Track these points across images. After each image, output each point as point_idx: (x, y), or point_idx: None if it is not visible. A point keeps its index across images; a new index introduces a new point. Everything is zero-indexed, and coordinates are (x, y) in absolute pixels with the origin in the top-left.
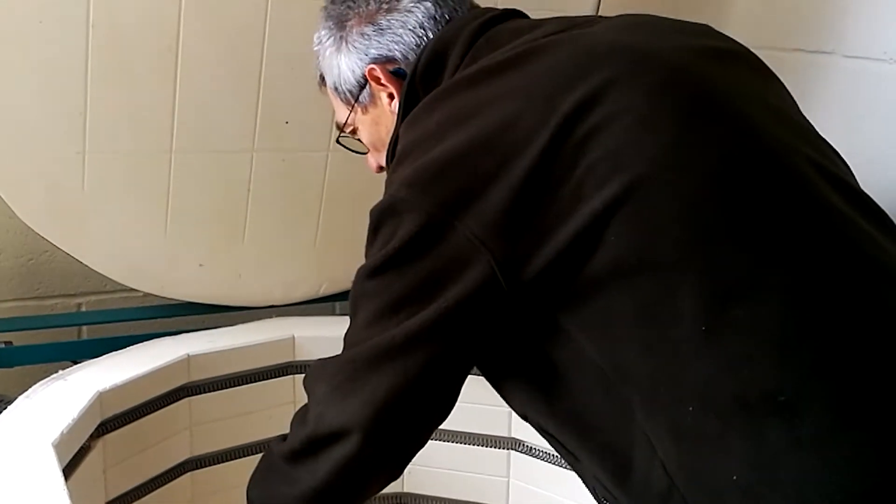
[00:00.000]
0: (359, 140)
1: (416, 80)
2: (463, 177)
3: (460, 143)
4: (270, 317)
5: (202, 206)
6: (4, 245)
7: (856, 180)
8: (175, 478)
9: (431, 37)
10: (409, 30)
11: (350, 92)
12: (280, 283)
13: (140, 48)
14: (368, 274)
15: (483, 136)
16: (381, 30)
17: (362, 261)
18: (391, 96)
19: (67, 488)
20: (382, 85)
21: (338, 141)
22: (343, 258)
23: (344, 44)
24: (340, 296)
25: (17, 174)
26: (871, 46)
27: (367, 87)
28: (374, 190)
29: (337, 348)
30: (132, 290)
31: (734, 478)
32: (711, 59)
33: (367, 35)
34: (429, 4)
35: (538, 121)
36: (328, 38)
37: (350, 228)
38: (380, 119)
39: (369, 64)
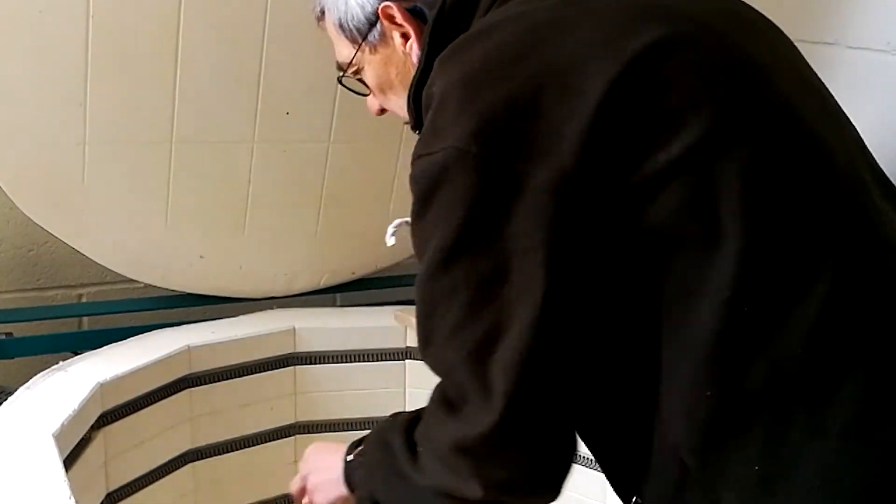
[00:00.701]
0: (359, 80)
1: (442, 19)
2: (531, 121)
3: (522, 84)
4: (271, 308)
5: (203, 197)
6: (5, 236)
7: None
8: (176, 469)
9: None
10: None
11: (357, 29)
12: (281, 275)
13: (140, 39)
14: (442, 262)
15: (545, 75)
16: None
17: (363, 253)
18: (405, 36)
19: (68, 479)
20: (397, 24)
21: (339, 81)
22: (344, 250)
23: None
24: (341, 287)
25: (17, 165)
26: (874, 37)
27: (378, 25)
28: (376, 181)
29: (337, 340)
30: (133, 281)
31: (755, 467)
32: (749, 28)
33: None
34: None
35: (607, 60)
36: None
37: (351, 220)
38: (390, 60)
39: (383, 1)
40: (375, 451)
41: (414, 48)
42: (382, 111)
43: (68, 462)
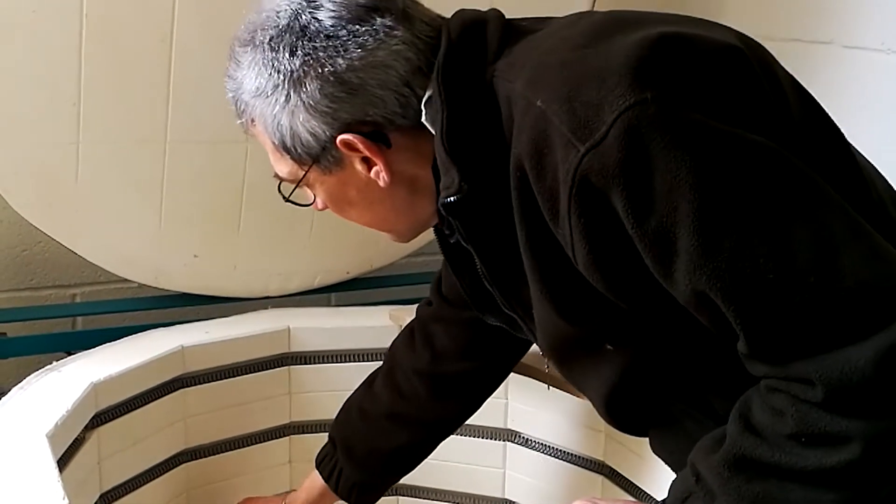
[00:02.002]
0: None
1: (453, 62)
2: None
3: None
4: (265, 308)
5: (197, 196)
6: None
7: None
8: (169, 469)
9: (422, 94)
10: (392, 90)
11: (306, 153)
12: (275, 274)
13: (134, 38)
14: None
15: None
16: (353, 90)
17: (357, 252)
18: (366, 161)
19: (62, 480)
20: (356, 150)
21: (283, 196)
22: (338, 249)
23: (301, 105)
24: (336, 287)
25: (10, 165)
26: (869, 37)
27: (332, 149)
28: None
29: (332, 339)
30: (126, 280)
31: None
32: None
33: (336, 97)
34: (410, 55)
35: None
36: (273, 91)
37: (345, 220)
38: (348, 181)
39: (342, 132)
40: (723, 484)
41: (382, 175)
42: (326, 208)
43: (62, 462)
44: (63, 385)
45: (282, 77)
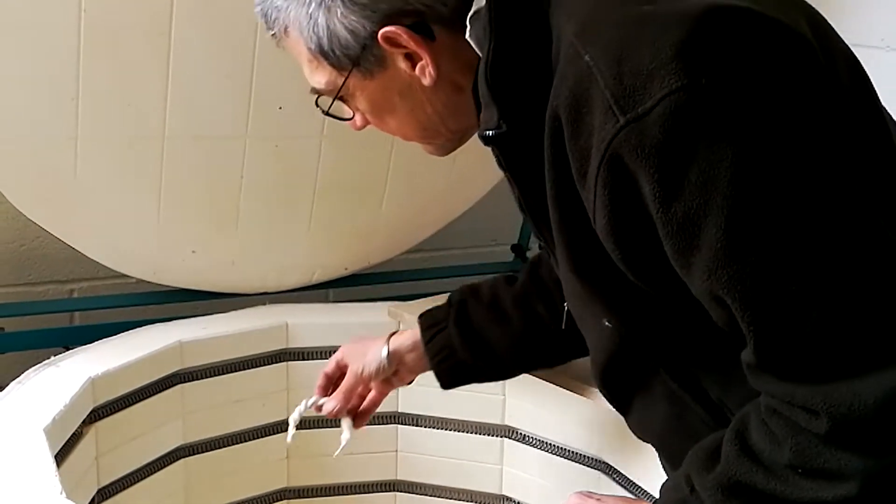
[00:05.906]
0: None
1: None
2: None
3: None
4: (263, 303)
5: (195, 192)
6: None
7: None
8: (168, 465)
9: None
10: None
11: (346, 55)
12: (273, 270)
13: (132, 33)
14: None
15: None
16: None
17: (356, 248)
18: (411, 57)
19: (59, 475)
20: (399, 46)
21: (322, 110)
22: (336, 245)
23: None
24: (334, 283)
25: (8, 159)
26: (869, 33)
27: (374, 48)
28: (369, 176)
29: (330, 335)
30: (124, 276)
31: None
32: None
33: None
34: None
35: None
36: None
37: (343, 215)
38: (391, 84)
39: (383, 26)
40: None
41: (428, 71)
42: (367, 123)
43: (60, 457)
44: (61, 380)
45: None
